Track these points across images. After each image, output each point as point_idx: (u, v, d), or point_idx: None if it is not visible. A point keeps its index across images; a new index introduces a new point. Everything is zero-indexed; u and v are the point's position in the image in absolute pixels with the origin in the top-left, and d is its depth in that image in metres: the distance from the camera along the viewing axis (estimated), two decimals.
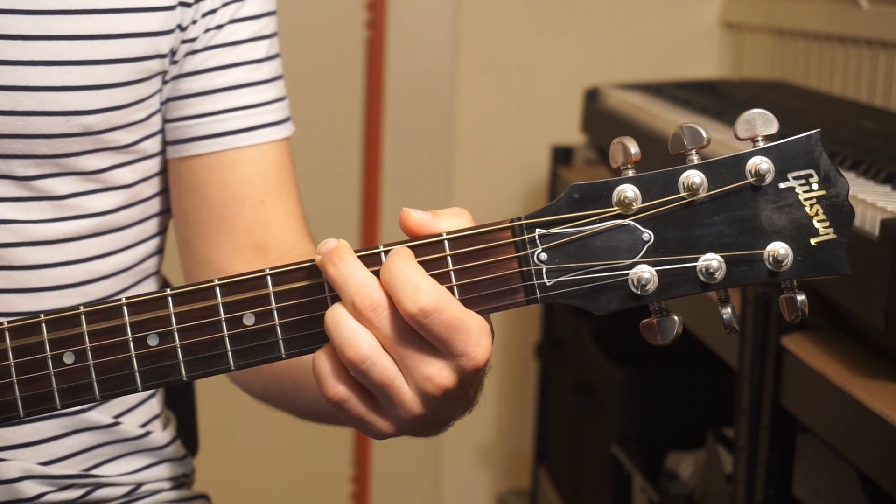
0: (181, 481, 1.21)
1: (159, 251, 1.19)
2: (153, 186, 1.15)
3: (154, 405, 1.20)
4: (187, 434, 1.31)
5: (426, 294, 0.80)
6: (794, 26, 2.42)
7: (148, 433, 1.17)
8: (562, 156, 2.45)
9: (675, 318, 0.83)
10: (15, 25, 1.03)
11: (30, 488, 1.10)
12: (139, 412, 1.18)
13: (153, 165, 1.14)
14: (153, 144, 1.13)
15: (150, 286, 1.18)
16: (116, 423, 1.14)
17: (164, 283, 1.23)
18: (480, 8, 2.75)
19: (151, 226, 1.17)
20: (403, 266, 0.81)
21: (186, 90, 1.12)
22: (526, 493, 2.73)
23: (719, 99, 2.08)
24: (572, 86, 2.61)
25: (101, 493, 1.14)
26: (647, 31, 2.79)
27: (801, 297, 0.81)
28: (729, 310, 0.82)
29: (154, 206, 1.16)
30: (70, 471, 1.12)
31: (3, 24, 1.02)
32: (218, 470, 1.84)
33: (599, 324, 2.20)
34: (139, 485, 1.16)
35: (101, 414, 1.14)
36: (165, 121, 1.14)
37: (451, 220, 0.84)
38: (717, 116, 1.86)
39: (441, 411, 0.86)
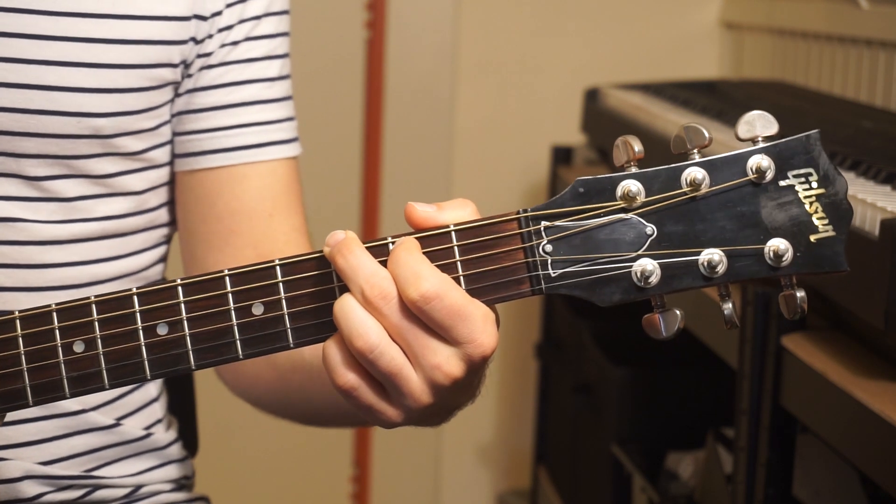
0: (181, 483, 1.21)
1: (163, 260, 1.20)
2: (160, 196, 1.16)
3: (157, 409, 1.20)
4: (187, 435, 1.31)
5: (427, 280, 0.82)
6: (794, 26, 2.42)
7: (149, 435, 1.17)
8: (562, 156, 2.45)
9: (678, 312, 0.84)
10: (32, 25, 1.04)
11: (29, 488, 1.10)
12: (142, 415, 1.18)
13: (161, 175, 1.15)
14: (162, 154, 1.14)
15: None
16: (118, 425, 1.15)
17: None
18: (480, 8, 2.75)
19: (157, 235, 1.18)
20: (406, 255, 0.83)
21: (200, 104, 1.14)
22: (526, 493, 2.73)
23: (719, 99, 2.08)
24: (572, 86, 2.61)
25: (100, 494, 1.14)
26: (647, 31, 2.79)
27: (800, 294, 0.83)
28: (730, 305, 0.84)
29: (161, 216, 1.17)
30: (70, 471, 1.12)
31: (21, 23, 1.04)
32: (218, 471, 1.85)
33: (599, 324, 2.20)
34: (139, 486, 1.17)
35: (104, 415, 1.14)
36: (176, 133, 1.15)
37: (455, 212, 0.86)
38: (717, 116, 1.86)
39: (448, 400, 0.87)
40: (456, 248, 0.85)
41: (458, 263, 0.85)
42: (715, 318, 1.51)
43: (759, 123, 0.83)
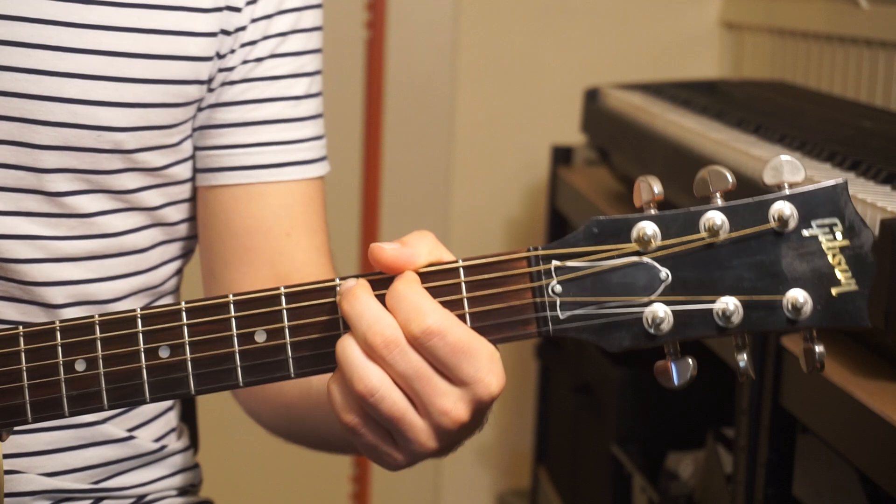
0: (187, 489, 1.21)
1: (178, 272, 1.19)
2: (182, 212, 1.15)
3: (171, 418, 1.20)
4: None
5: (430, 316, 0.80)
6: (794, 26, 2.42)
7: (162, 448, 1.17)
8: (562, 156, 2.45)
9: (690, 361, 0.82)
10: (55, 37, 1.03)
11: (37, 503, 1.10)
12: (156, 425, 1.18)
13: (183, 191, 1.14)
14: (184, 170, 1.13)
15: None
16: (131, 437, 1.14)
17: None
18: (480, 8, 2.75)
19: (175, 249, 1.17)
20: (407, 289, 0.81)
21: (221, 120, 1.12)
22: (526, 493, 2.73)
23: (719, 99, 2.08)
24: (572, 86, 2.61)
25: None
26: (647, 31, 2.79)
27: (819, 349, 0.81)
28: (745, 356, 0.82)
29: (180, 230, 1.16)
30: (80, 484, 1.12)
31: (44, 35, 1.03)
32: (218, 469, 1.84)
33: None
34: (145, 495, 1.17)
35: (119, 426, 1.14)
36: (196, 148, 1.14)
37: (422, 243, 0.83)
38: (717, 116, 1.86)
39: (455, 439, 0.86)
40: (463, 284, 0.83)
41: (465, 300, 0.82)
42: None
43: (787, 169, 0.80)
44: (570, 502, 2.32)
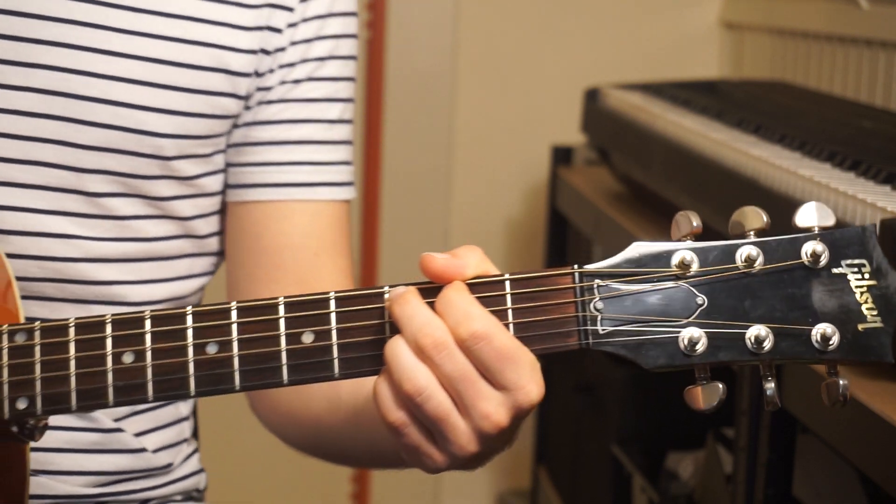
0: (191, 495, 1.22)
1: (202, 289, 1.21)
2: (210, 225, 1.17)
3: (185, 428, 1.21)
4: None
5: (477, 321, 0.83)
6: (794, 26, 2.42)
7: (170, 464, 1.18)
8: (562, 156, 2.45)
9: (720, 385, 0.85)
10: (104, 41, 1.06)
11: None
12: (169, 432, 1.19)
13: (212, 203, 1.16)
14: (214, 182, 1.15)
15: None
16: (143, 450, 1.15)
17: None
18: (480, 8, 2.75)
19: (205, 262, 1.18)
20: (456, 296, 0.84)
21: (257, 138, 1.15)
22: (526, 493, 2.73)
23: (719, 99, 2.08)
24: (572, 86, 2.61)
25: None
26: (647, 31, 2.79)
27: (843, 382, 0.84)
28: (772, 385, 0.85)
29: (209, 245, 1.18)
30: (86, 489, 1.13)
31: (94, 39, 1.06)
32: (218, 468, 1.85)
33: None
34: (148, 499, 1.17)
35: (131, 430, 1.15)
36: (230, 164, 1.16)
37: (471, 256, 0.87)
38: (717, 116, 1.86)
39: (490, 446, 0.88)
40: (509, 296, 0.86)
41: (510, 311, 0.86)
42: None
43: (819, 214, 0.85)
44: (570, 502, 2.33)
